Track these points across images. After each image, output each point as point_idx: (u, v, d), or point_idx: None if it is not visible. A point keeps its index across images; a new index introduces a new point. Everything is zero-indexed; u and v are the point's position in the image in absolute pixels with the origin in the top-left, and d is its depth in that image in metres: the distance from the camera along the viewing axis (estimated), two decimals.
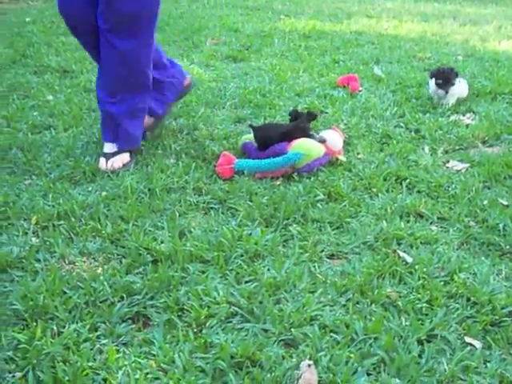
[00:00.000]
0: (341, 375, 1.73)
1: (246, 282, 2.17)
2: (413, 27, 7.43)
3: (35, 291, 2.04)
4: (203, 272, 2.22)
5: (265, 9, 8.55)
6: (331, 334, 1.91)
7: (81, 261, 2.29)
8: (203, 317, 1.96)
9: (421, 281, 2.18)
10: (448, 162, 3.24)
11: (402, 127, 3.75)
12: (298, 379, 1.71)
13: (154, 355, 1.81)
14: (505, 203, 2.76)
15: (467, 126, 3.77)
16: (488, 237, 2.50)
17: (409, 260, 2.31)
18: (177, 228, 2.49)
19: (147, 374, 1.74)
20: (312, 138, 3.12)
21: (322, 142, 3.10)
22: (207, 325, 1.93)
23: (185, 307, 2.01)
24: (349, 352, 1.83)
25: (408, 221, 2.62)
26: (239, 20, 7.44)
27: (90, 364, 1.75)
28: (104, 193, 2.78)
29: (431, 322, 1.96)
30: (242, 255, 2.32)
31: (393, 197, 2.81)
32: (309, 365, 1.74)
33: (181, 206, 2.69)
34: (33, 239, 2.42)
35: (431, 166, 3.15)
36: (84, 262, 2.28)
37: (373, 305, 2.06)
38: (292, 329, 1.92)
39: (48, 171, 2.99)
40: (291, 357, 1.81)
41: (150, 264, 2.25)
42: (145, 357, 1.81)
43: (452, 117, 3.95)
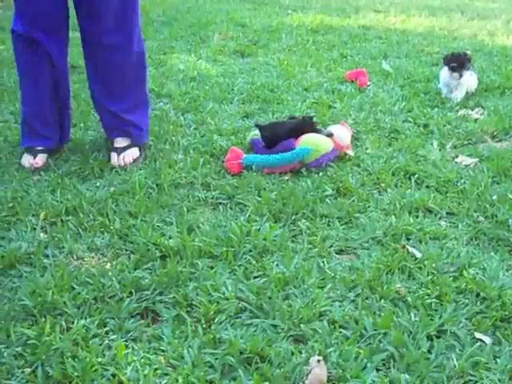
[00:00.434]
0: (350, 371, 1.73)
1: (255, 278, 2.16)
2: (421, 21, 7.39)
3: (44, 287, 2.05)
4: (212, 267, 2.22)
5: (272, 3, 8.52)
6: (340, 330, 1.90)
7: (89, 256, 2.29)
8: (212, 312, 1.96)
9: (430, 276, 2.17)
10: (457, 157, 3.23)
11: (411, 122, 3.74)
12: (308, 375, 1.70)
13: (163, 351, 1.81)
14: None
15: (476, 121, 3.75)
16: (497, 232, 2.49)
17: (418, 255, 2.30)
18: (185, 223, 2.48)
19: (156, 370, 1.74)
20: (319, 133, 3.11)
21: (329, 136, 3.09)
22: (216, 320, 1.93)
23: (193, 303, 2.01)
24: (358, 348, 1.83)
25: (417, 216, 2.61)
26: (247, 15, 7.42)
27: (99, 360, 1.76)
28: (112, 188, 2.78)
29: (441, 318, 1.95)
30: (251, 250, 2.31)
31: (401, 192, 2.80)
32: (318, 360, 1.74)
33: (189, 202, 2.68)
34: (41, 235, 2.42)
35: (440, 161, 3.13)
36: (92, 258, 2.28)
37: (382, 300, 2.05)
38: (301, 324, 1.91)
39: (56, 167, 3.00)
40: (300, 352, 1.81)
41: (159, 259, 2.25)
42: (154, 352, 1.81)
43: (461, 111, 3.93)
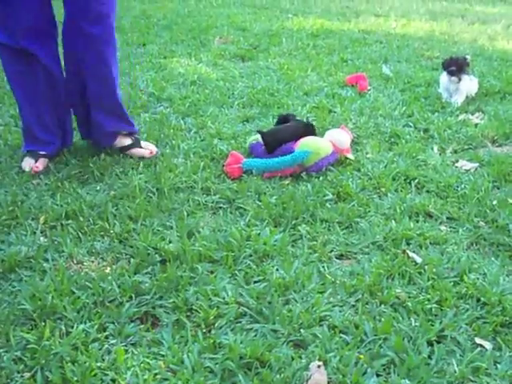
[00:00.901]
0: (350, 376, 1.73)
1: (255, 282, 2.16)
2: (421, 26, 7.40)
3: (43, 291, 2.05)
4: (212, 272, 2.22)
5: (273, 8, 8.54)
6: (340, 335, 1.90)
7: (89, 260, 2.29)
8: (212, 317, 1.95)
9: (430, 281, 2.17)
10: (457, 162, 3.23)
11: (411, 127, 3.74)
12: (308, 380, 1.70)
13: (163, 355, 1.81)
14: None
15: (476, 126, 3.76)
16: (498, 237, 2.49)
17: (418, 260, 2.30)
18: (185, 228, 2.48)
19: (156, 375, 1.74)
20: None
21: None
22: (216, 325, 1.93)
23: (193, 307, 2.01)
24: (358, 353, 1.83)
25: (417, 221, 2.61)
26: (247, 19, 7.43)
27: (99, 364, 1.75)
28: (112, 192, 2.78)
29: (441, 323, 1.95)
30: (251, 255, 2.31)
31: (402, 197, 2.80)
32: (318, 366, 1.74)
33: (189, 206, 2.68)
34: (41, 239, 2.42)
35: (440, 166, 3.13)
36: (92, 262, 2.28)
37: (382, 305, 2.05)
38: (301, 329, 1.91)
39: (56, 170, 2.99)
40: (300, 358, 1.81)
41: (159, 264, 2.25)
42: (153, 357, 1.81)
43: (461, 116, 3.93)
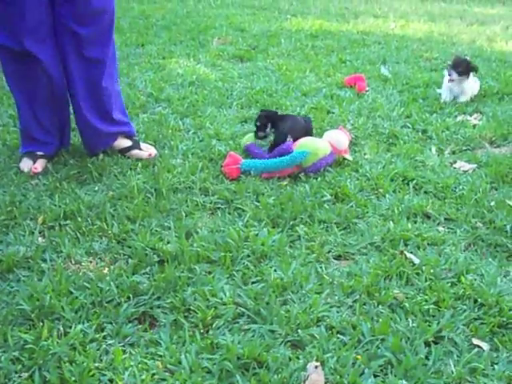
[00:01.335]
0: (348, 377, 1.73)
1: (253, 283, 2.16)
2: (420, 27, 7.41)
3: (42, 291, 2.05)
4: (210, 272, 2.22)
5: (271, 8, 8.54)
6: (338, 336, 1.91)
7: (87, 261, 2.29)
8: (210, 317, 1.96)
9: (428, 282, 2.17)
10: (455, 163, 3.23)
11: (409, 127, 3.74)
12: (305, 381, 1.71)
13: (161, 356, 1.81)
14: None
15: (474, 127, 3.76)
16: (495, 238, 2.49)
17: (416, 261, 2.30)
18: (183, 228, 2.48)
19: (153, 375, 1.74)
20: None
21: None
22: (214, 325, 1.93)
23: (191, 308, 2.01)
24: (356, 353, 1.83)
25: (415, 222, 2.61)
26: (246, 20, 7.44)
27: (97, 364, 1.76)
28: (110, 192, 2.78)
29: (438, 324, 1.95)
30: (249, 256, 2.31)
31: (400, 197, 2.80)
32: (316, 366, 1.74)
33: (187, 206, 2.68)
34: (39, 239, 2.42)
35: (438, 167, 3.14)
36: (90, 262, 2.28)
37: (380, 306, 2.05)
38: (299, 330, 1.91)
39: (54, 171, 2.99)
40: (298, 358, 1.81)
41: (157, 264, 2.25)
42: (151, 357, 1.81)
43: (459, 117, 3.94)
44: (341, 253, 2.39)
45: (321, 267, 2.27)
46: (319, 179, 2.94)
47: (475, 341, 1.91)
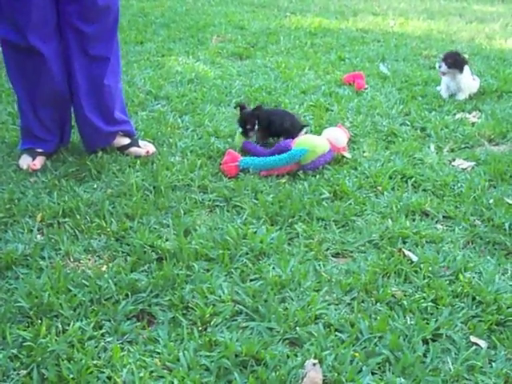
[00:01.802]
0: (346, 374, 1.73)
1: (251, 281, 2.16)
2: (419, 25, 7.41)
3: (40, 289, 2.05)
4: (208, 270, 2.22)
5: (270, 6, 8.53)
6: (336, 333, 1.91)
7: (86, 258, 2.29)
8: (208, 315, 1.96)
9: (426, 280, 2.17)
10: (454, 161, 3.23)
11: (408, 125, 3.74)
12: (303, 378, 1.71)
13: (159, 353, 1.81)
14: (510, 202, 2.75)
15: (473, 125, 3.76)
16: (494, 236, 2.49)
17: (414, 259, 2.30)
18: (182, 226, 2.48)
19: (152, 373, 1.74)
20: None
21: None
22: (212, 323, 1.93)
23: (189, 305, 2.01)
24: (354, 351, 1.83)
25: (413, 219, 2.61)
26: (245, 17, 7.43)
27: (95, 362, 1.76)
28: (109, 190, 2.78)
29: (436, 322, 1.96)
30: (247, 253, 2.32)
31: (398, 195, 2.80)
32: (314, 364, 1.74)
33: (186, 204, 2.68)
34: (38, 236, 2.42)
35: (437, 165, 3.14)
36: (89, 260, 2.28)
37: (378, 304, 2.05)
38: (297, 327, 1.92)
39: (53, 168, 2.99)
40: (296, 356, 1.81)
41: (155, 262, 2.25)
42: (149, 355, 1.81)
43: (458, 115, 3.94)
44: (339, 250, 2.39)
45: (319, 265, 2.27)
46: (318, 177, 2.94)
47: (473, 338, 1.91)
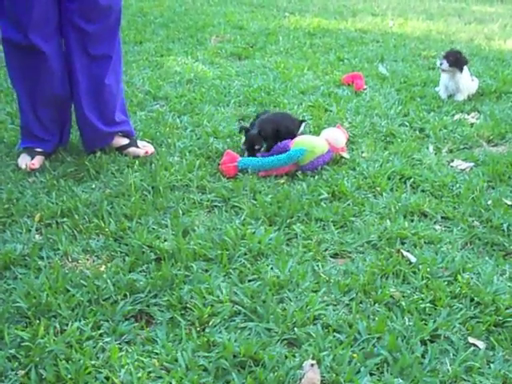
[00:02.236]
0: (344, 375, 1.73)
1: (250, 281, 2.16)
2: (418, 25, 7.41)
3: (38, 289, 2.05)
4: (206, 270, 2.22)
5: (269, 6, 8.53)
6: (334, 334, 1.91)
7: (84, 258, 2.29)
8: (206, 315, 1.96)
9: (424, 281, 2.18)
10: (452, 161, 3.24)
11: (407, 126, 3.75)
12: (301, 379, 1.71)
13: (157, 354, 1.81)
14: (509, 203, 2.75)
15: (472, 125, 3.77)
16: (492, 237, 2.50)
17: (412, 260, 2.30)
18: (180, 226, 2.48)
19: (150, 373, 1.74)
20: None
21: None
22: (210, 323, 1.93)
23: (188, 306, 2.01)
24: (352, 352, 1.83)
25: (412, 220, 2.61)
26: (244, 17, 7.43)
27: (93, 362, 1.76)
28: (108, 190, 2.78)
29: (434, 322, 1.96)
30: (246, 254, 2.32)
31: (397, 196, 2.80)
32: (312, 364, 1.74)
33: (184, 204, 2.68)
34: (36, 236, 2.42)
35: (435, 165, 3.14)
36: (87, 260, 2.28)
37: (376, 304, 2.05)
38: (295, 328, 1.92)
39: (52, 168, 2.99)
40: (294, 356, 1.81)
41: (154, 262, 2.25)
42: (147, 355, 1.81)
43: (457, 116, 3.95)
44: (337, 251, 2.39)
45: (317, 265, 2.27)
46: (316, 177, 2.94)
47: (471, 339, 1.91)
